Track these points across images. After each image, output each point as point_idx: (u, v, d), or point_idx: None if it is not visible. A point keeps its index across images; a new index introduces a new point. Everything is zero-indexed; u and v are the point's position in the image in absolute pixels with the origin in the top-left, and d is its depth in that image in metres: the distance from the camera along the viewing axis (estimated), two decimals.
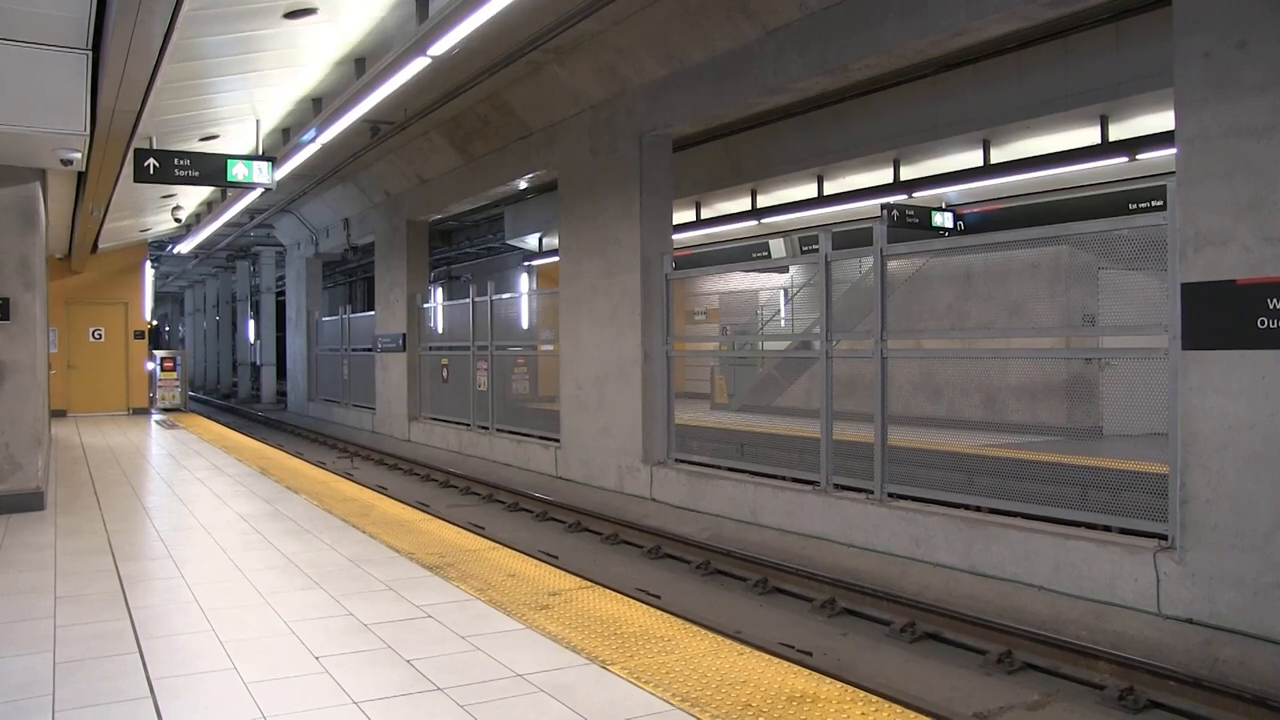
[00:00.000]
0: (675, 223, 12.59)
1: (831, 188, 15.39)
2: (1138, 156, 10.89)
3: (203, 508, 8.19)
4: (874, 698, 3.68)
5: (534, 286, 23.09)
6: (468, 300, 15.66)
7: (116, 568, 5.85)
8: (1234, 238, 5.59)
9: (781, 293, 20.13)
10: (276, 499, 8.62)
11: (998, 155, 12.64)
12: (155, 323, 35.26)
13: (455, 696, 3.67)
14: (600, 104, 11.34)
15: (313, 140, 10.94)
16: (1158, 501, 6.11)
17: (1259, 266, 5.47)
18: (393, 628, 4.57)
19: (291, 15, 7.13)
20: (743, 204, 17.13)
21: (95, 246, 15.78)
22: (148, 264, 19.79)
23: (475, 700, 3.63)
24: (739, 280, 20.01)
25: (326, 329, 23.92)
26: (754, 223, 17.37)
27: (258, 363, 32.12)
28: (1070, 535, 6.52)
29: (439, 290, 23.28)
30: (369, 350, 19.95)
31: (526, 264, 23.57)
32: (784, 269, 20.07)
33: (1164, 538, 6.00)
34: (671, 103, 10.27)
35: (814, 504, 8.43)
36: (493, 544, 6.74)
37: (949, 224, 14.10)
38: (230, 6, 6.71)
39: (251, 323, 35.23)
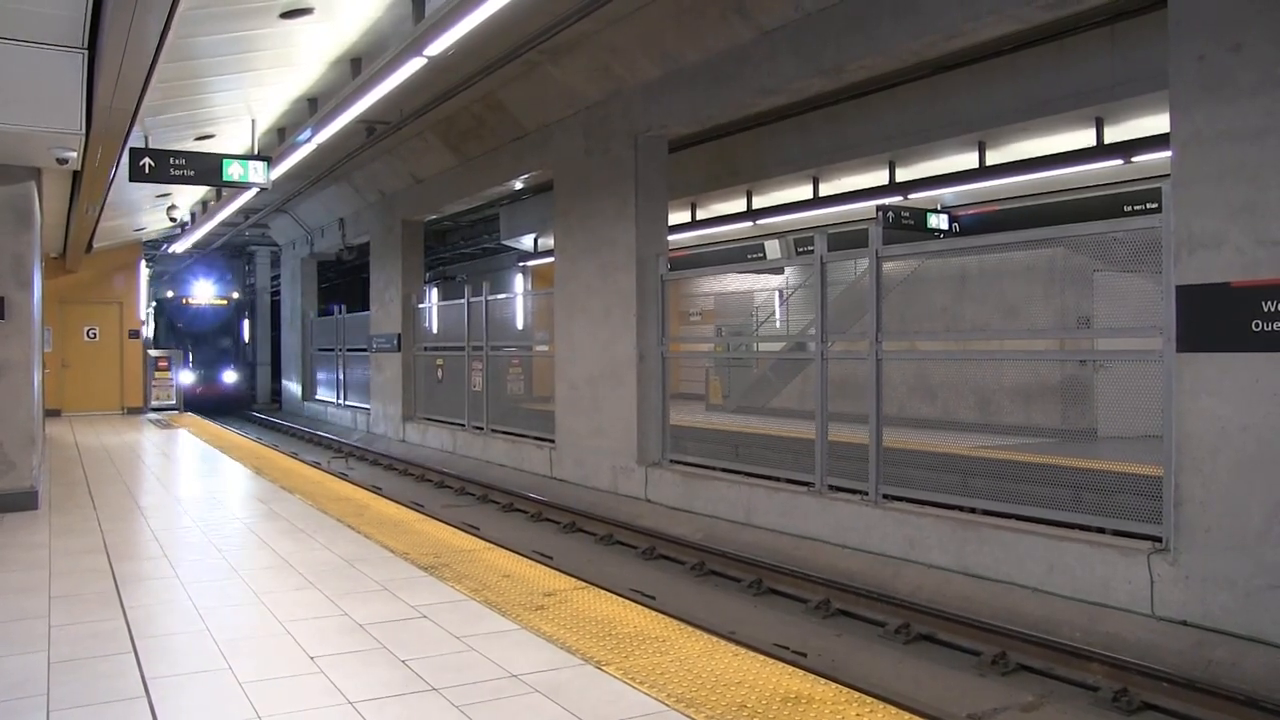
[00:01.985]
0: (670, 223, 12.59)
1: (827, 189, 15.41)
2: (1133, 159, 10.91)
3: (197, 507, 8.18)
4: (868, 699, 3.69)
5: (529, 287, 23.08)
6: (463, 300, 15.64)
7: (111, 567, 5.84)
8: (1228, 240, 5.61)
9: (777, 294, 20.13)
10: (271, 498, 8.60)
11: (993, 157, 12.65)
12: (237, 295, 29.32)
13: (450, 696, 3.67)
14: (595, 104, 11.34)
15: (308, 140, 10.92)
16: (1151, 503, 6.12)
17: (1253, 269, 5.49)
18: (387, 628, 4.57)
19: (288, 15, 7.12)
20: (738, 205, 17.13)
21: (90, 246, 15.74)
22: (142, 263, 19.76)
23: (470, 700, 3.63)
24: (734, 281, 20.02)
25: (321, 329, 23.88)
26: (749, 224, 17.38)
27: (252, 362, 32.00)
28: (1064, 537, 6.53)
29: (434, 290, 23.24)
30: (364, 350, 19.93)
31: (521, 264, 23.55)
32: (779, 270, 20.08)
33: (1158, 540, 6.02)
34: (666, 103, 10.28)
35: (808, 505, 8.43)
36: (487, 544, 6.74)
37: (944, 226, 14.12)
38: (226, 6, 6.70)
39: (246, 322, 35.07)
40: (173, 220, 16.21)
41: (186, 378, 24.05)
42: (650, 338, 10.82)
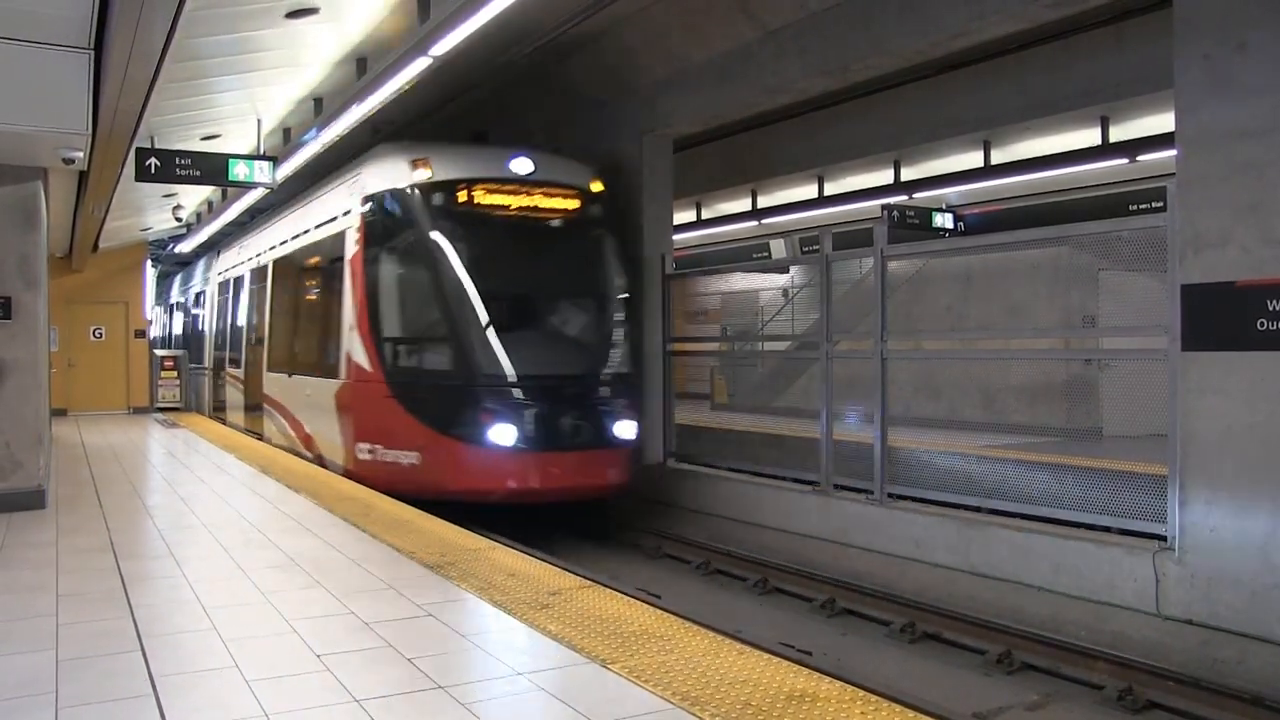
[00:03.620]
0: (676, 223, 12.60)
1: (832, 188, 15.40)
2: (1138, 158, 10.90)
3: (204, 506, 8.19)
4: (873, 697, 3.69)
5: None
6: None
7: (118, 566, 5.86)
8: (1233, 239, 5.61)
9: (782, 293, 20.12)
10: (277, 498, 8.62)
11: (998, 156, 12.65)
12: (599, 185, 9.40)
13: (456, 695, 3.68)
14: (601, 104, 11.34)
15: (314, 140, 10.93)
16: (1157, 503, 6.11)
17: (1258, 268, 5.48)
18: (394, 626, 4.58)
19: (293, 15, 7.14)
20: (743, 204, 17.14)
21: (96, 246, 15.78)
22: (148, 263, 19.80)
23: (476, 699, 3.63)
24: (739, 280, 20.02)
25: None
26: (755, 223, 17.39)
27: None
28: (1070, 536, 6.53)
29: None
30: None
31: None
32: (784, 269, 20.07)
33: (1163, 539, 6.01)
34: (672, 103, 10.28)
35: (813, 504, 8.43)
36: (493, 543, 6.75)
37: (949, 225, 14.12)
38: (232, 6, 6.72)
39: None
40: (178, 220, 16.25)
41: (502, 436, 8.75)
42: (655, 337, 10.82)
